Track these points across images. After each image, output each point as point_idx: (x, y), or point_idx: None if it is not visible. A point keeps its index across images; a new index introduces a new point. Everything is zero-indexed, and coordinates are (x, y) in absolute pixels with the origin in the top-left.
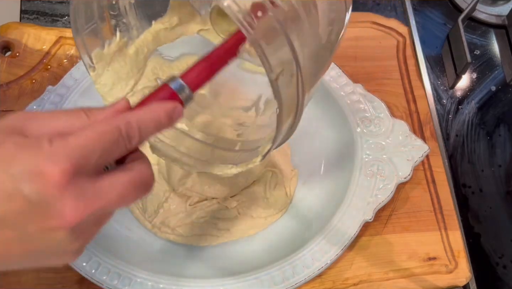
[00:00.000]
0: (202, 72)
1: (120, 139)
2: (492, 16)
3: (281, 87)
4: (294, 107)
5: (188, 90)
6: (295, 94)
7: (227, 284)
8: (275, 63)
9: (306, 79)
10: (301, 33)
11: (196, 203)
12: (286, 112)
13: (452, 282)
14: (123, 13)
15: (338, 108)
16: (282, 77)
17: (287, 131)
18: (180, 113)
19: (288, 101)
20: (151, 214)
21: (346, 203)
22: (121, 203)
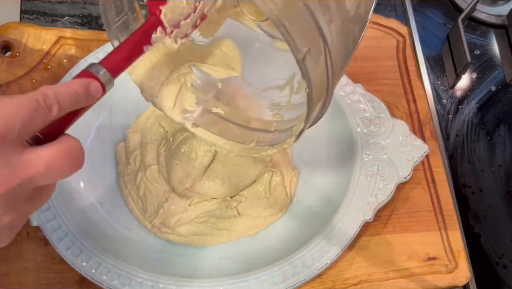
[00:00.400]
0: (120, 56)
1: (39, 109)
2: (492, 16)
3: (309, 67)
4: (325, 86)
5: (108, 75)
6: (325, 72)
7: (227, 284)
8: (301, 42)
9: (335, 56)
10: (327, 8)
11: (196, 203)
12: (316, 92)
13: (452, 282)
14: None
15: (338, 108)
16: (309, 56)
17: (319, 110)
18: (98, 89)
19: (318, 80)
20: (151, 214)
21: (346, 203)
22: (50, 173)
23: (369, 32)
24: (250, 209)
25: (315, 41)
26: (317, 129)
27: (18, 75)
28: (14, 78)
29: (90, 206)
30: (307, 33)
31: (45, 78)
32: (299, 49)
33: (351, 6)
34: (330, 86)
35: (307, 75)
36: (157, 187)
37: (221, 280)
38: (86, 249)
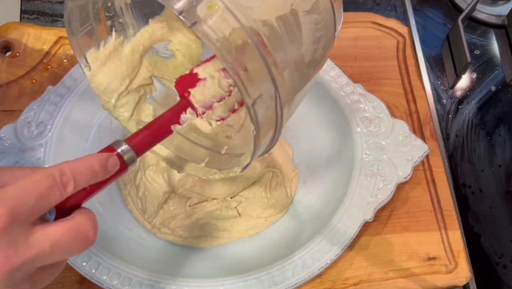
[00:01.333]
0: (146, 137)
1: (54, 186)
2: (492, 16)
3: (258, 111)
4: (273, 126)
5: (132, 153)
6: (274, 115)
7: (227, 284)
8: (253, 90)
9: (286, 99)
10: (283, 55)
11: (196, 203)
12: (264, 133)
13: (452, 282)
14: (119, 14)
15: (338, 108)
16: (260, 100)
17: (267, 145)
18: (116, 164)
19: (266, 122)
20: (151, 214)
21: (346, 203)
22: (55, 253)
23: (369, 32)
24: (251, 209)
25: (266, 88)
26: (317, 130)
27: (18, 75)
28: (14, 78)
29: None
30: (259, 81)
31: (45, 78)
32: (250, 95)
33: (307, 52)
34: (278, 126)
35: (256, 119)
36: (156, 188)
37: (221, 280)
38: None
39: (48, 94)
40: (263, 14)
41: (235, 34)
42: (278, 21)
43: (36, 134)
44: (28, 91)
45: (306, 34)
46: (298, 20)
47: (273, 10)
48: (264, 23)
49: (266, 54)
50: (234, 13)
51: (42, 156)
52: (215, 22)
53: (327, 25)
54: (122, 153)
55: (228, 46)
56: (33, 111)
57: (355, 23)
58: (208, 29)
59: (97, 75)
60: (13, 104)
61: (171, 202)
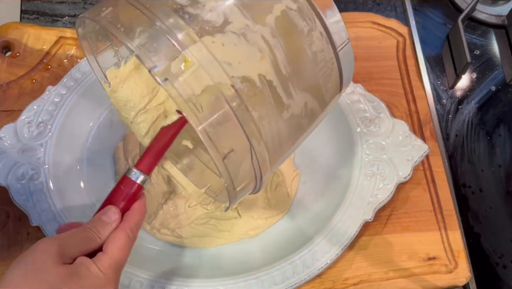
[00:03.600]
0: (151, 158)
1: (131, 240)
2: (492, 16)
3: (229, 166)
4: (252, 178)
5: (143, 176)
6: (251, 168)
7: (227, 284)
8: (223, 145)
9: (268, 151)
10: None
11: (197, 204)
12: (239, 185)
13: (452, 282)
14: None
15: (338, 108)
16: (233, 154)
17: (249, 193)
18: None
19: (243, 175)
20: (150, 215)
21: (346, 203)
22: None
23: (369, 32)
24: (251, 210)
25: (239, 142)
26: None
27: (19, 75)
28: (15, 78)
29: (90, 206)
30: (230, 138)
31: (45, 78)
32: (219, 151)
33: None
34: (259, 177)
35: (226, 175)
36: (155, 188)
37: (221, 280)
38: None
39: (48, 94)
40: (242, 70)
41: (208, 90)
42: (260, 77)
43: (36, 134)
44: (28, 91)
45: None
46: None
47: (254, 66)
48: (244, 79)
49: (240, 110)
50: (207, 70)
51: (42, 156)
52: (186, 80)
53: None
54: (138, 180)
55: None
56: (33, 111)
57: (355, 23)
58: (178, 86)
59: (117, 92)
60: (13, 104)
61: (171, 202)
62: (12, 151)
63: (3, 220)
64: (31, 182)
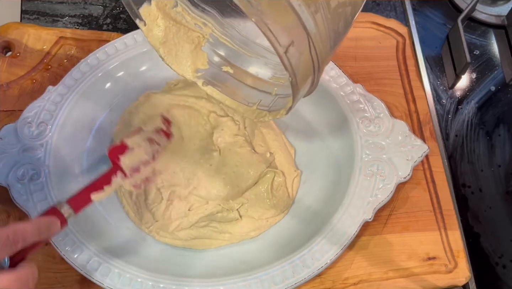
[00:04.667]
0: (82, 198)
1: (7, 243)
2: (492, 16)
3: (291, 59)
4: (311, 70)
5: (71, 211)
6: (310, 60)
7: (227, 284)
8: (283, 38)
9: (322, 43)
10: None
11: (197, 207)
12: (302, 77)
13: (452, 281)
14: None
15: (338, 108)
16: (292, 48)
17: (308, 88)
18: (57, 227)
19: (303, 68)
20: (148, 220)
21: (346, 202)
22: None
23: (369, 32)
24: (252, 210)
25: (298, 34)
26: (317, 130)
27: (19, 75)
28: (15, 78)
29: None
30: (289, 28)
31: (45, 78)
32: (281, 44)
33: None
34: (317, 69)
35: (290, 68)
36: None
37: (221, 280)
38: (86, 249)
39: (48, 94)
40: None
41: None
42: None
43: (36, 134)
44: (29, 91)
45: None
46: None
47: None
48: None
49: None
50: None
51: (42, 156)
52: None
53: None
54: (64, 213)
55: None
56: (33, 111)
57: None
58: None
59: (153, 30)
60: (13, 104)
61: (171, 206)
62: (13, 151)
63: (3, 219)
64: (31, 182)
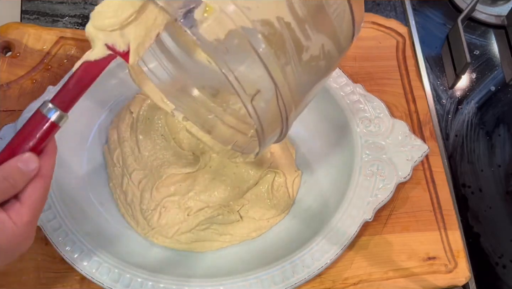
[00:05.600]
0: (70, 93)
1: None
2: (492, 16)
3: (257, 108)
4: (279, 119)
5: (60, 112)
6: (277, 109)
7: (227, 284)
8: (250, 87)
9: (291, 94)
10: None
11: (196, 212)
12: (267, 128)
13: (452, 281)
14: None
15: (338, 109)
16: (259, 96)
17: (278, 136)
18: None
19: (269, 119)
20: (144, 226)
21: (346, 202)
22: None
23: (369, 32)
24: (253, 211)
25: (265, 84)
26: (317, 130)
27: (19, 76)
28: (15, 79)
29: (90, 206)
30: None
31: (45, 79)
32: (246, 91)
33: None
34: (284, 120)
35: (256, 116)
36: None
37: (221, 280)
38: (86, 249)
39: (48, 94)
40: (261, 14)
41: (232, 35)
42: (279, 20)
43: None
44: (29, 91)
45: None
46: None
47: (272, 9)
48: (264, 22)
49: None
50: (229, 15)
51: None
52: (210, 25)
53: (340, 16)
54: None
55: (220, 49)
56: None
57: None
58: (202, 32)
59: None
60: (13, 104)
61: (168, 214)
62: None
63: None
64: None
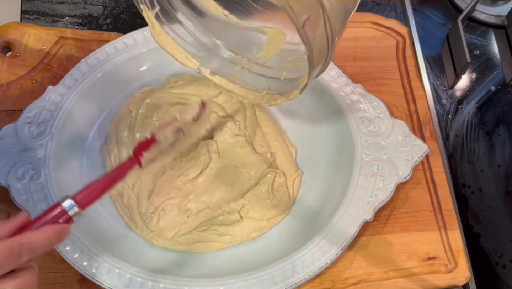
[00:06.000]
0: (91, 193)
1: (12, 257)
2: (492, 16)
3: (308, 33)
4: (325, 46)
5: (77, 208)
6: (324, 35)
7: (227, 284)
8: (300, 11)
9: (335, 19)
10: None
11: (196, 213)
12: (317, 52)
13: (452, 281)
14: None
15: (338, 109)
16: (308, 22)
17: (321, 66)
18: (68, 233)
19: (318, 42)
20: (143, 229)
21: (346, 202)
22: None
23: (369, 32)
24: (253, 211)
25: (313, 8)
26: (317, 130)
27: (19, 75)
28: (15, 78)
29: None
30: (305, 2)
31: (45, 78)
32: (298, 17)
33: None
34: (331, 45)
35: (307, 41)
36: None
37: (221, 280)
38: (86, 249)
39: (48, 94)
40: None
41: None
42: None
43: (36, 134)
44: (29, 91)
45: None
46: None
47: None
48: None
49: None
50: None
51: (43, 156)
52: None
53: None
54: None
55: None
56: (33, 111)
57: (355, 23)
58: None
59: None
60: (13, 104)
61: (166, 217)
62: (13, 151)
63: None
64: (31, 182)
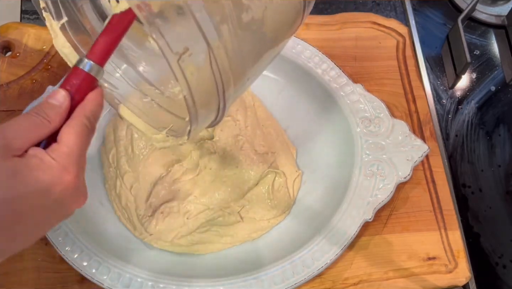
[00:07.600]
0: (104, 46)
1: (88, 130)
2: (492, 16)
3: (185, 70)
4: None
5: (97, 67)
6: (212, 79)
7: (227, 284)
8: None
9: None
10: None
11: (197, 214)
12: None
13: (452, 281)
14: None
15: (338, 109)
16: (188, 57)
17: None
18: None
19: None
20: (142, 232)
21: (346, 202)
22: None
23: (369, 32)
24: (254, 211)
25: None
26: (317, 130)
27: (19, 75)
28: (15, 78)
29: (90, 206)
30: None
31: (45, 78)
32: (173, 50)
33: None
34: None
35: (183, 80)
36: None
37: (221, 280)
38: (86, 249)
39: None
40: None
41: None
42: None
43: None
44: (29, 91)
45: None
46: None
47: None
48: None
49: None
50: None
51: None
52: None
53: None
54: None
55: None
56: None
57: (355, 23)
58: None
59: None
60: (13, 104)
61: (166, 220)
62: None
63: None
64: None
